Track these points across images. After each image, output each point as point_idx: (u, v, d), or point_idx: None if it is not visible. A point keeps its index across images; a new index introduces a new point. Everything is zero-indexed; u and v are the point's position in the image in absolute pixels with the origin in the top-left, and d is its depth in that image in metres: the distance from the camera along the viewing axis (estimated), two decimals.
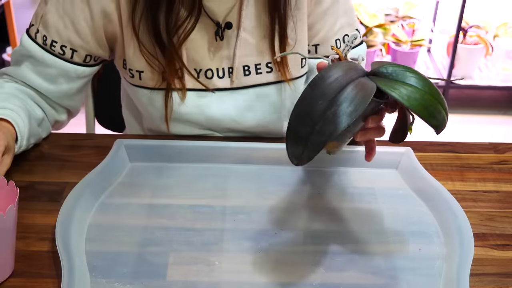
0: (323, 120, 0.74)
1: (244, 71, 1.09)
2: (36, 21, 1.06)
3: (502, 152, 1.14)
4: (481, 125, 2.91)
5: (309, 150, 0.75)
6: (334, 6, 1.10)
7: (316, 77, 0.77)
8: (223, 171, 1.04)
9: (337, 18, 1.11)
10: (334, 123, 0.74)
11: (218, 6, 1.04)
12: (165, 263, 0.85)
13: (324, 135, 0.74)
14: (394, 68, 0.81)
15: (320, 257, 0.87)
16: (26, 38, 1.07)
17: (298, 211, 0.96)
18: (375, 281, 0.84)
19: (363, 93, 0.76)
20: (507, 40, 2.99)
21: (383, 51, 3.04)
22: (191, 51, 1.06)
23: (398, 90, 0.78)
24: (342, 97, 0.75)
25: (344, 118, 0.74)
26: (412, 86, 0.79)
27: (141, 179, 1.02)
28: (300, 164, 0.77)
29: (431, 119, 0.79)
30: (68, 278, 0.78)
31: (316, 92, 0.75)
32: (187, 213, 0.94)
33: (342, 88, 0.76)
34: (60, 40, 1.05)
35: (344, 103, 0.74)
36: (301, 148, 0.76)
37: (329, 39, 1.12)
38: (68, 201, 0.91)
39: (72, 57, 1.07)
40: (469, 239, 0.88)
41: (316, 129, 0.74)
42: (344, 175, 1.05)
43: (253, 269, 0.85)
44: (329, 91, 0.75)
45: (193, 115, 1.10)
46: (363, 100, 0.75)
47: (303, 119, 0.75)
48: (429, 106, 0.78)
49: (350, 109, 0.74)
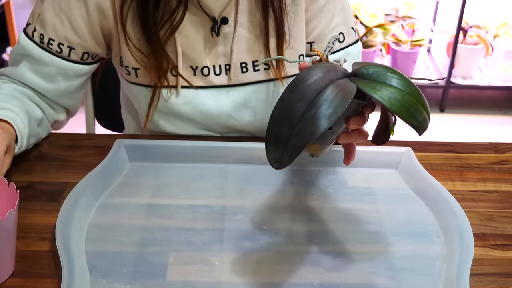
0: (302, 123, 0.73)
1: (242, 68, 1.09)
2: (33, 20, 1.06)
3: (502, 152, 1.14)
4: (481, 125, 2.91)
5: (289, 153, 0.74)
6: (331, 3, 1.09)
7: (296, 79, 0.76)
8: (222, 171, 1.04)
9: (333, 15, 1.11)
10: (313, 125, 0.73)
11: (214, 1, 1.03)
12: (165, 263, 0.85)
13: (303, 137, 0.73)
14: (375, 69, 0.80)
15: (320, 257, 0.87)
16: (23, 37, 1.07)
17: (298, 211, 0.96)
18: (375, 281, 0.84)
19: (342, 94, 0.75)
20: (507, 40, 2.99)
21: (383, 51, 3.04)
22: (187, 48, 1.06)
23: (379, 92, 0.77)
24: (321, 99, 0.74)
25: (323, 120, 0.73)
26: (393, 87, 0.78)
27: (141, 179, 1.02)
28: (280, 167, 0.76)
29: (412, 119, 0.78)
30: (68, 278, 0.78)
31: (295, 94, 0.75)
32: (186, 213, 0.94)
33: (321, 90, 0.75)
34: (57, 38, 1.05)
35: (323, 105, 0.74)
36: (280, 151, 0.75)
37: (324, 37, 1.11)
38: (68, 201, 0.91)
39: (70, 55, 1.07)
40: (469, 239, 0.88)
41: (295, 131, 0.73)
42: (344, 175, 1.05)
43: (253, 269, 0.85)
44: (308, 93, 0.74)
45: (189, 112, 1.10)
46: (342, 102, 0.74)
47: (282, 122, 0.74)
48: (410, 107, 0.78)
49: (330, 111, 0.73)
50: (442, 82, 2.94)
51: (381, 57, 3.08)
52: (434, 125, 2.89)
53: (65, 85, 1.10)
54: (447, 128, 2.87)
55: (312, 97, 0.74)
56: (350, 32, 1.13)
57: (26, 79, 1.08)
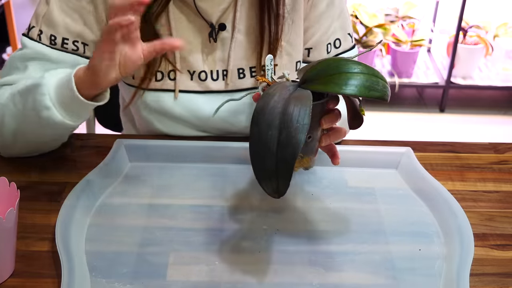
0: (280, 148, 0.76)
1: (239, 74, 1.09)
2: (37, 22, 1.04)
3: (502, 152, 1.14)
4: (481, 125, 2.91)
5: (282, 180, 0.77)
6: (330, 9, 1.10)
7: (255, 112, 0.78)
8: (222, 171, 1.04)
9: (332, 21, 1.11)
10: (292, 144, 0.75)
11: (212, 7, 1.03)
12: (165, 263, 0.85)
13: (288, 160, 0.75)
14: (316, 68, 0.83)
15: (320, 257, 0.87)
16: (28, 40, 1.04)
17: (298, 211, 0.96)
18: (375, 281, 0.84)
19: (302, 104, 0.77)
20: (507, 40, 2.99)
21: (383, 51, 3.04)
22: (185, 52, 1.06)
23: (330, 85, 0.80)
24: (287, 118, 0.76)
25: (298, 135, 0.75)
26: (340, 73, 0.80)
27: (141, 179, 1.02)
28: (282, 195, 0.79)
29: (373, 92, 0.80)
30: (68, 278, 0.78)
31: (262, 126, 0.77)
32: (187, 213, 0.94)
33: (283, 111, 0.77)
34: (71, 36, 1.03)
35: (291, 123, 0.76)
36: (274, 182, 0.78)
37: (322, 43, 1.11)
38: (68, 201, 0.91)
39: (85, 52, 1.05)
40: (469, 239, 0.88)
41: (278, 158, 0.76)
42: (344, 175, 1.05)
43: (253, 269, 0.85)
44: (272, 119, 0.77)
45: (186, 115, 1.10)
46: (306, 111, 0.76)
47: (262, 155, 0.77)
48: (364, 83, 0.80)
49: (300, 125, 0.76)
50: (442, 82, 2.94)
51: (381, 57, 3.08)
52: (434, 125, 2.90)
53: None
54: (447, 128, 2.87)
55: (278, 121, 0.76)
56: (346, 38, 1.13)
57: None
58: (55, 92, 0.93)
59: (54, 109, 0.93)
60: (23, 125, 0.98)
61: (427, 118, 2.93)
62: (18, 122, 0.99)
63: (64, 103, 0.93)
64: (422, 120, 2.91)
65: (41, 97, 0.92)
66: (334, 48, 1.12)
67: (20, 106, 0.97)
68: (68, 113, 0.94)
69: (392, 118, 2.92)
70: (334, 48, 1.12)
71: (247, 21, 1.06)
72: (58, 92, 0.93)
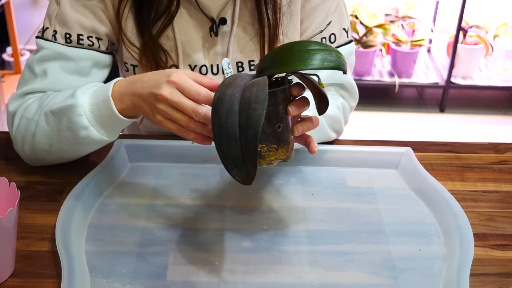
0: (241, 131, 0.76)
1: (238, 68, 1.09)
2: (51, 23, 1.04)
3: (502, 152, 1.14)
4: (481, 125, 2.91)
5: (250, 162, 0.77)
6: (325, 2, 1.09)
7: (214, 104, 0.78)
8: (223, 171, 1.04)
9: (327, 15, 1.10)
10: (252, 125, 0.75)
11: (213, 1, 1.04)
12: (165, 263, 0.85)
13: (251, 142, 0.76)
14: (270, 55, 0.84)
15: (320, 257, 0.87)
16: (44, 42, 1.03)
17: (298, 211, 0.96)
18: (375, 281, 0.84)
19: (258, 87, 0.77)
20: (507, 40, 2.99)
21: (383, 51, 3.04)
22: (187, 47, 1.07)
23: (291, 66, 0.80)
24: (244, 102, 0.77)
25: (256, 116, 0.75)
26: (298, 52, 0.81)
27: (141, 179, 1.02)
28: (252, 180, 0.79)
29: (328, 63, 0.80)
30: (68, 278, 0.78)
31: (221, 115, 0.77)
32: (186, 213, 0.94)
33: (240, 97, 0.78)
34: (85, 32, 1.04)
35: (249, 105, 0.76)
36: (244, 169, 0.78)
37: (316, 37, 1.10)
38: (68, 201, 0.91)
39: (100, 46, 1.06)
40: (469, 239, 0.88)
41: (241, 142, 0.76)
42: (344, 175, 1.05)
43: (253, 269, 0.85)
44: (230, 107, 0.77)
45: None
46: (262, 91, 0.77)
47: (227, 144, 0.77)
48: (325, 57, 0.80)
49: (258, 105, 0.76)
50: (442, 82, 2.94)
51: (381, 57, 3.08)
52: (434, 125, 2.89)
53: (98, 77, 1.08)
54: (447, 128, 2.86)
55: (236, 107, 0.77)
56: (342, 33, 1.12)
57: (62, 83, 1.04)
58: (91, 112, 0.92)
59: (92, 128, 0.92)
60: (57, 144, 0.98)
61: (427, 118, 2.93)
62: (52, 141, 0.98)
63: (102, 122, 0.92)
64: (422, 120, 2.91)
65: (78, 118, 0.92)
66: (329, 43, 1.11)
67: (54, 126, 0.96)
68: (107, 131, 0.94)
69: (392, 118, 2.92)
70: (329, 42, 1.11)
71: (246, 14, 1.06)
72: (95, 111, 0.92)
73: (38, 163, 1.04)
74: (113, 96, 0.91)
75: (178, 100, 0.83)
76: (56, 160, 1.03)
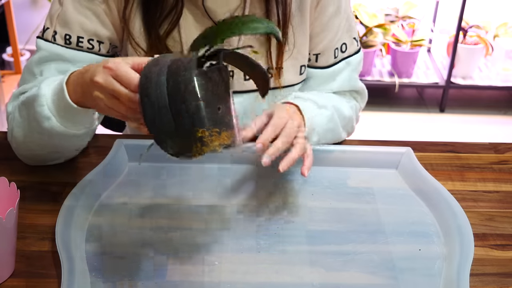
0: (170, 98, 0.73)
1: (244, 76, 1.09)
2: (52, 23, 1.03)
3: (502, 152, 1.14)
4: (481, 125, 2.91)
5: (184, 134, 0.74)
6: (337, 15, 1.10)
7: (140, 85, 0.75)
8: (223, 171, 1.04)
9: (339, 27, 1.11)
10: (180, 91, 0.72)
11: (221, 7, 1.04)
12: (165, 263, 0.85)
13: (181, 109, 0.72)
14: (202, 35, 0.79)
15: (320, 257, 0.87)
16: (44, 43, 1.03)
17: (298, 211, 0.96)
18: (375, 281, 0.84)
19: (184, 59, 0.75)
20: (507, 40, 2.99)
21: (383, 51, 3.04)
22: None
23: (215, 39, 0.77)
24: (172, 73, 0.74)
25: (184, 81, 0.73)
26: (223, 27, 0.78)
27: (141, 179, 1.02)
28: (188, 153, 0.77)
29: (260, 29, 0.78)
30: (68, 278, 0.78)
31: (150, 93, 0.74)
32: (187, 213, 0.94)
33: (166, 70, 0.75)
34: (86, 34, 1.03)
35: (176, 74, 0.73)
36: (177, 139, 0.75)
37: (330, 49, 1.12)
38: (68, 201, 0.91)
39: (100, 50, 1.05)
40: (469, 239, 0.88)
41: (172, 112, 0.73)
42: (344, 175, 1.05)
43: (253, 269, 0.85)
44: (158, 80, 0.74)
45: None
46: (189, 61, 0.74)
47: (159, 117, 0.73)
48: (243, 23, 0.77)
49: (184, 73, 0.73)
50: (442, 82, 2.94)
51: (381, 57, 3.08)
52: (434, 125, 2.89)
53: None
54: (447, 128, 2.86)
55: (163, 77, 0.74)
56: (352, 42, 1.14)
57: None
58: (53, 102, 0.92)
59: (54, 119, 0.92)
60: (30, 137, 0.98)
61: (427, 118, 2.93)
62: (25, 133, 0.98)
63: (62, 112, 0.92)
64: (422, 120, 2.91)
65: (40, 108, 0.92)
66: (341, 52, 1.13)
67: (25, 117, 0.97)
68: (68, 122, 0.93)
69: (392, 118, 2.91)
70: (340, 52, 1.13)
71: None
72: (55, 101, 0.92)
73: (30, 162, 1.04)
74: (68, 86, 0.89)
75: (112, 87, 0.79)
76: (39, 157, 1.02)
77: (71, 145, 1.01)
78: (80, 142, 1.02)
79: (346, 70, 1.14)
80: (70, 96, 0.89)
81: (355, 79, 1.16)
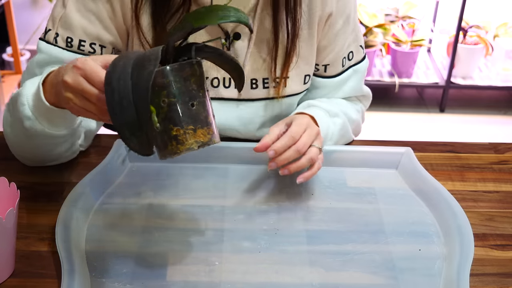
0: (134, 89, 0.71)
1: (252, 84, 1.08)
2: (54, 25, 1.03)
3: (502, 152, 1.14)
4: (481, 125, 2.91)
5: (147, 130, 0.72)
6: (346, 26, 1.10)
7: (106, 79, 0.73)
8: (223, 171, 1.04)
9: (347, 37, 1.12)
10: (142, 81, 0.70)
11: None
12: (165, 263, 0.85)
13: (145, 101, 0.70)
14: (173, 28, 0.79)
15: (320, 257, 0.87)
16: (45, 45, 1.03)
17: (298, 211, 0.96)
18: (375, 281, 0.84)
19: (152, 51, 0.74)
20: (507, 40, 2.99)
21: (383, 51, 3.04)
22: None
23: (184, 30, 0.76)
24: (137, 66, 0.72)
25: (149, 73, 0.71)
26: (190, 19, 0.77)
27: (141, 179, 1.02)
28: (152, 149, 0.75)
29: (227, 18, 0.77)
30: (68, 278, 0.78)
31: (113, 86, 0.72)
32: (187, 213, 0.94)
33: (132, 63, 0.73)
34: (88, 38, 1.02)
35: (141, 66, 0.72)
36: (140, 134, 0.73)
37: (338, 59, 1.12)
38: (68, 201, 0.91)
39: (102, 54, 1.04)
40: (469, 239, 0.88)
41: (136, 104, 0.71)
42: (344, 175, 1.05)
43: (253, 269, 0.85)
44: (122, 71, 0.72)
45: None
46: (154, 52, 0.73)
47: (120, 109, 0.71)
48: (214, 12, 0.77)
49: (149, 63, 0.71)
50: (442, 82, 2.94)
51: (381, 57, 3.08)
52: (434, 125, 2.89)
53: None
54: (447, 128, 2.86)
55: (128, 69, 0.72)
56: (358, 50, 1.15)
57: None
58: (32, 101, 0.91)
59: (35, 118, 0.91)
60: (18, 135, 0.98)
61: (427, 118, 2.93)
62: (13, 132, 0.99)
63: (40, 112, 0.91)
64: (422, 120, 2.91)
65: (22, 107, 0.91)
66: (348, 60, 1.14)
67: (12, 116, 0.97)
68: (47, 122, 0.92)
69: (392, 118, 2.91)
70: (348, 60, 1.14)
71: (262, 33, 1.05)
72: (34, 101, 0.91)
73: (27, 162, 1.04)
74: (45, 86, 0.89)
75: (81, 87, 0.78)
76: (35, 158, 1.02)
77: (57, 147, 0.99)
78: (66, 144, 1.00)
79: (354, 78, 1.15)
80: (46, 96, 0.88)
81: (361, 85, 1.18)
